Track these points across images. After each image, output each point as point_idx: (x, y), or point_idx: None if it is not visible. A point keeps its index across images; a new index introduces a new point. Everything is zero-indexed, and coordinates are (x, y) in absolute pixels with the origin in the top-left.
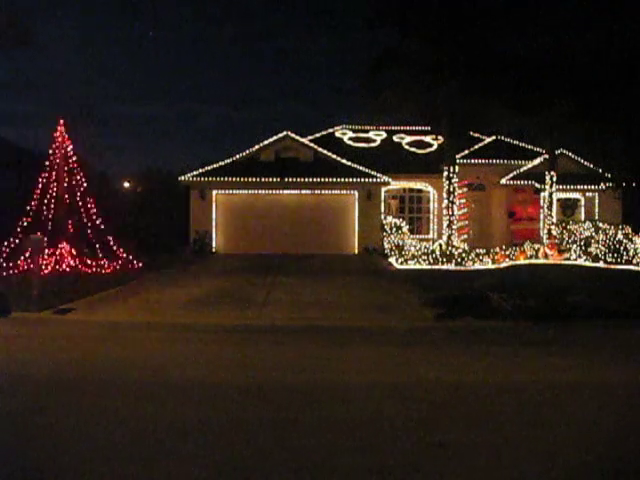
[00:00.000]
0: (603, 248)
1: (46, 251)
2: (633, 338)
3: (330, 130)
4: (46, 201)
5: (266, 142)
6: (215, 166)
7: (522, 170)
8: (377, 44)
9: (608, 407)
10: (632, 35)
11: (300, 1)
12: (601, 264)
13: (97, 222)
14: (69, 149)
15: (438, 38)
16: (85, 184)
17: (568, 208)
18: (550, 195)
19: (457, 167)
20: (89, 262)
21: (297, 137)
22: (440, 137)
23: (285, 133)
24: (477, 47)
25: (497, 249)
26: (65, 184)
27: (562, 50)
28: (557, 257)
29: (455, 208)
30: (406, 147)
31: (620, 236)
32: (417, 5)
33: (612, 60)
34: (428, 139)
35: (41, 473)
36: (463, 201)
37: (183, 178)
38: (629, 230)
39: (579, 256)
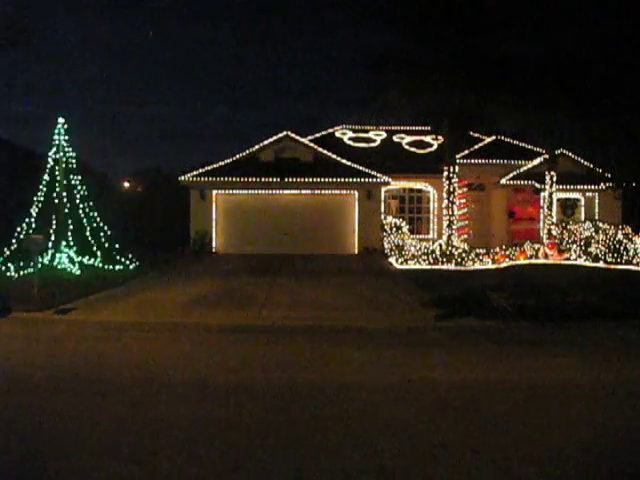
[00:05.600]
0: (603, 248)
1: (46, 251)
2: (633, 338)
3: (330, 130)
4: (46, 201)
5: (266, 142)
6: (215, 166)
7: (522, 170)
8: (377, 44)
9: (608, 407)
10: (632, 34)
11: (300, 1)
12: (601, 264)
13: (97, 222)
14: (69, 149)
15: (438, 38)
16: (85, 184)
17: (568, 208)
18: (550, 195)
19: (457, 167)
20: (89, 262)
21: (297, 137)
22: (440, 137)
23: (285, 133)
24: (477, 47)
25: (497, 249)
26: (65, 184)
27: (562, 50)
28: (557, 257)
29: (455, 208)
30: (406, 147)
31: (620, 236)
32: (417, 5)
33: (612, 59)
34: (428, 139)
35: (41, 473)
36: (463, 201)
37: (183, 178)
38: (629, 230)
39: (579, 256)
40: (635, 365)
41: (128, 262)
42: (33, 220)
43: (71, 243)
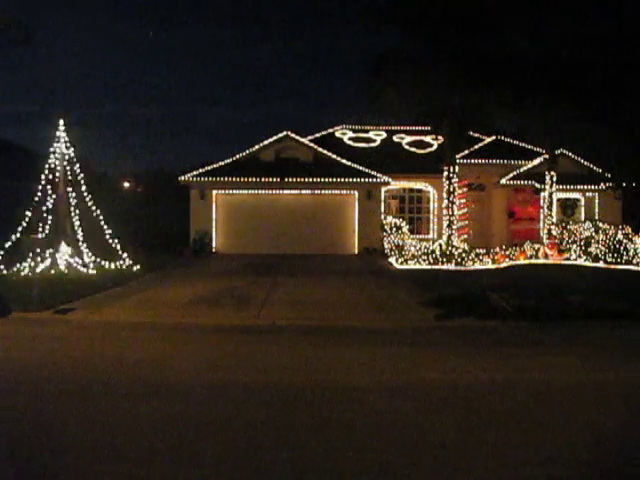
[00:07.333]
0: (603, 248)
1: (46, 251)
2: (633, 338)
3: (330, 130)
4: (46, 201)
5: (266, 142)
6: (215, 166)
7: (522, 170)
8: (377, 44)
9: (607, 407)
10: (632, 34)
11: (300, 2)
12: (601, 264)
13: (97, 222)
14: (69, 149)
15: (438, 38)
16: (85, 184)
17: (568, 208)
18: (550, 195)
19: (457, 167)
20: (89, 262)
21: (297, 137)
22: (440, 137)
23: (285, 133)
24: (477, 47)
25: (497, 249)
26: (65, 184)
27: (562, 50)
28: (557, 257)
29: (455, 208)
30: (406, 147)
31: (620, 236)
32: (417, 5)
33: (612, 59)
34: (428, 139)
35: (41, 473)
36: (463, 201)
37: (183, 178)
38: (629, 230)
39: (579, 256)
40: (635, 365)
41: (128, 262)
42: (33, 220)
43: (71, 243)
